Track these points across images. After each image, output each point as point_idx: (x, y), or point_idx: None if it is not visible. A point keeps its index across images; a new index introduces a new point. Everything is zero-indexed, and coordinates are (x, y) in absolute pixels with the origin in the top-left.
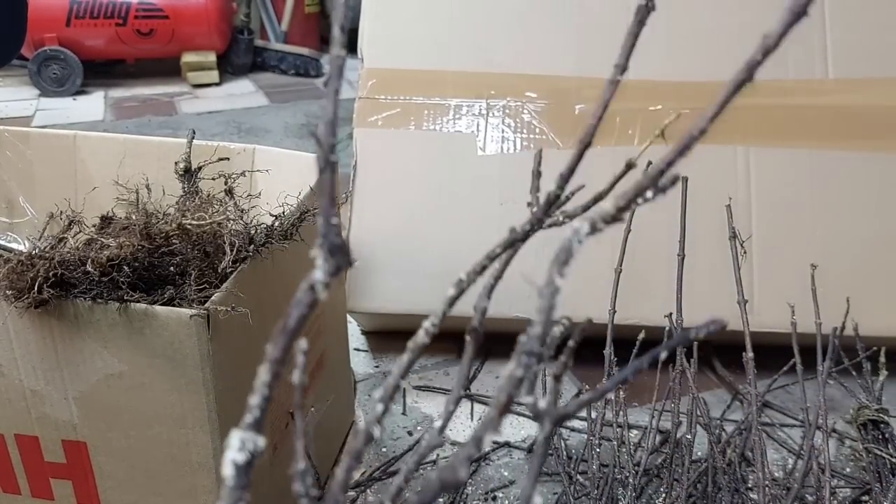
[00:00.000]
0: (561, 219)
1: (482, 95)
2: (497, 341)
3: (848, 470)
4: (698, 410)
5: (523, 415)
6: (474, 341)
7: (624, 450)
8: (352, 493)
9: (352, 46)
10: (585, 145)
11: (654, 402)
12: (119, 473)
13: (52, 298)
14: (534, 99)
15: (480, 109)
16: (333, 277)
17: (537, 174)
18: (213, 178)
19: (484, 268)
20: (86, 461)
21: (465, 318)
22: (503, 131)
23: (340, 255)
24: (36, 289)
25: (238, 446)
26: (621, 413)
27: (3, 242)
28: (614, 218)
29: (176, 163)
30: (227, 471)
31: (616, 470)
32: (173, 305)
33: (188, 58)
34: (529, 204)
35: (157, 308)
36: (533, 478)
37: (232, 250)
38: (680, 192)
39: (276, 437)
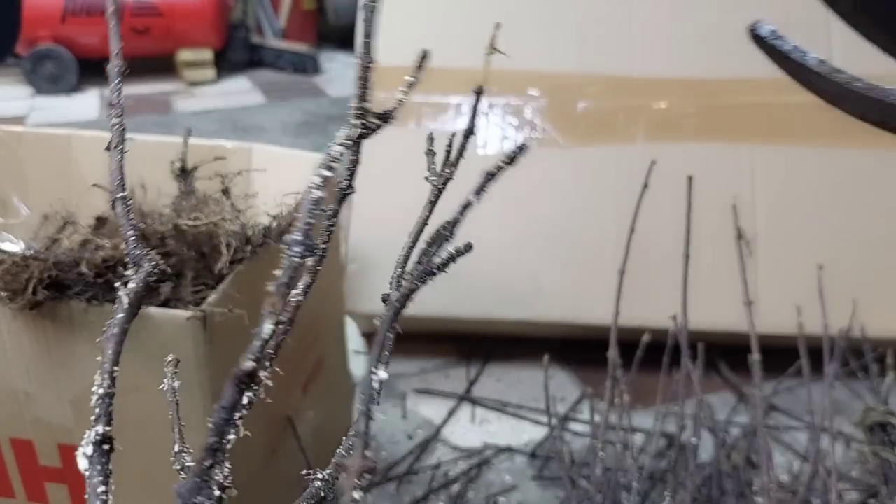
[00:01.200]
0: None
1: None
2: (498, 344)
3: (854, 473)
4: (703, 413)
5: (526, 419)
6: None
7: (628, 454)
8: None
9: (349, 43)
10: None
11: (659, 405)
12: (115, 476)
13: (47, 300)
14: (536, 97)
15: (481, 108)
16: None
17: (431, 153)
18: (210, 178)
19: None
20: None
21: (465, 319)
22: (504, 130)
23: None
24: (30, 290)
25: (85, 441)
26: (625, 416)
27: None
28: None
29: (172, 162)
30: (81, 464)
31: (620, 474)
32: (169, 307)
33: (184, 55)
34: (427, 178)
35: (153, 310)
36: None
37: (228, 251)
38: (685, 191)
39: (275, 441)
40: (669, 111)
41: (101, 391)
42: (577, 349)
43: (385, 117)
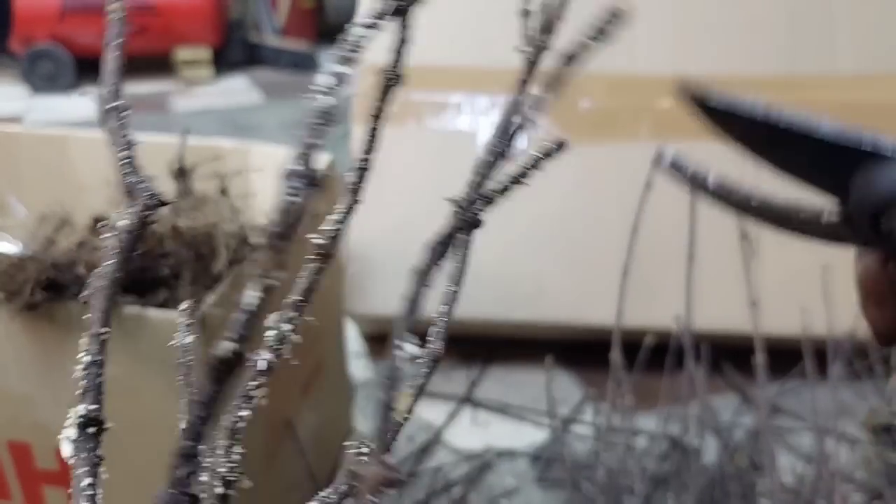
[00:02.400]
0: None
1: (484, 91)
2: (498, 346)
3: (859, 475)
4: (707, 415)
5: (528, 421)
6: None
7: (631, 456)
8: (352, 499)
9: None
10: None
11: (662, 407)
12: (112, 480)
13: (44, 301)
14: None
15: (483, 106)
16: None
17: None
18: (208, 179)
19: None
20: None
21: (467, 321)
22: None
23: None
24: (27, 291)
25: (68, 421)
26: (628, 418)
27: None
28: None
29: (169, 162)
30: (65, 450)
31: (623, 476)
32: (167, 308)
33: (182, 54)
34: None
35: (150, 311)
36: None
37: (226, 252)
38: (689, 191)
39: (273, 445)
40: (673, 110)
41: (87, 358)
42: (579, 351)
43: None
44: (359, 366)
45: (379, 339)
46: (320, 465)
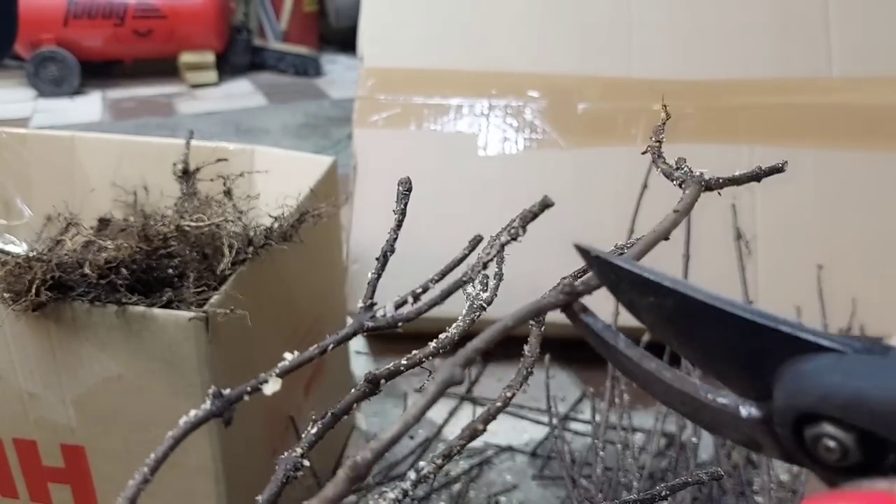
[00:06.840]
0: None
1: (484, 95)
2: (498, 344)
3: None
4: None
5: (526, 418)
6: None
7: (628, 453)
8: (352, 498)
9: (351, 45)
10: None
11: (659, 404)
12: (117, 477)
13: (50, 301)
14: (536, 98)
15: (482, 109)
16: None
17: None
18: (212, 180)
19: None
20: (84, 465)
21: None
22: (505, 131)
23: None
24: (33, 291)
25: None
26: (625, 416)
27: (0, 245)
28: None
29: (174, 164)
30: None
31: (620, 473)
32: (171, 308)
33: (186, 58)
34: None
35: (156, 311)
36: None
37: (231, 252)
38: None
39: (276, 441)
40: (670, 113)
41: None
42: (577, 349)
43: None
44: (360, 364)
45: (380, 339)
46: (322, 461)
